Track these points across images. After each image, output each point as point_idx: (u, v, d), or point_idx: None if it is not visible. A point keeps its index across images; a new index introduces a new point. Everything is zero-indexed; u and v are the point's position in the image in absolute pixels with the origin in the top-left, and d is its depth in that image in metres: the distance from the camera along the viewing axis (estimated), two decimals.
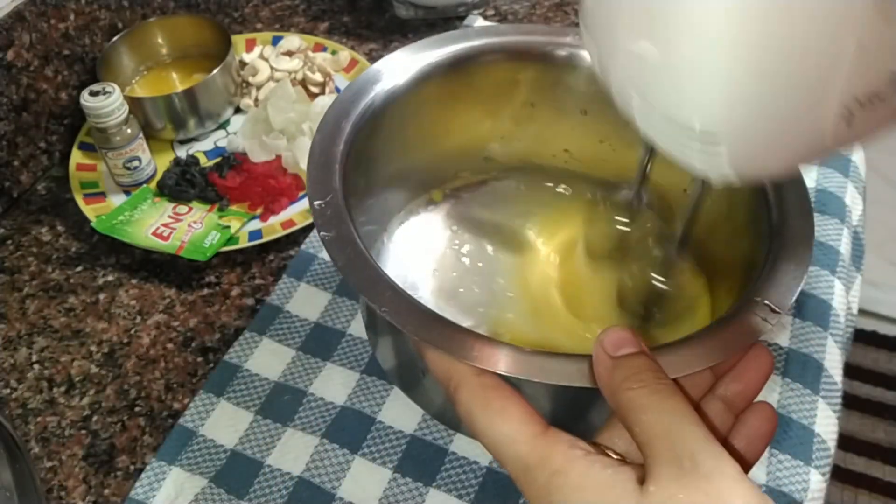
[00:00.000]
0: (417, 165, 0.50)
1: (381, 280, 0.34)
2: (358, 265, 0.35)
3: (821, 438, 0.46)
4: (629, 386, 0.29)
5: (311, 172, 0.38)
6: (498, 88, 0.48)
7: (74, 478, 0.47)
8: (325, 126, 0.41)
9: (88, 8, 0.65)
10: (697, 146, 0.28)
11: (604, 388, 0.30)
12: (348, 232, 0.36)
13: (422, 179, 0.51)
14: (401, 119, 0.45)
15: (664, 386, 0.29)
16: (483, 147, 0.51)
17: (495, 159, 0.52)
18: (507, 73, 0.47)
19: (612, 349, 0.30)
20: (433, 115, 0.47)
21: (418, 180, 0.51)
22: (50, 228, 0.61)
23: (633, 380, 0.29)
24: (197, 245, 0.56)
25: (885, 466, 1.23)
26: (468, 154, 0.51)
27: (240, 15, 0.80)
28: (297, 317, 0.53)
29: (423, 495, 0.44)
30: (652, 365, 0.30)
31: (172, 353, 0.52)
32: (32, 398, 0.51)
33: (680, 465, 0.26)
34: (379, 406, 0.48)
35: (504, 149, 0.51)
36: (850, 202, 0.59)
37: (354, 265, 0.35)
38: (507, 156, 0.52)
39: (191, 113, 0.64)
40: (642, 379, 0.29)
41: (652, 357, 0.30)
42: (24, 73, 0.61)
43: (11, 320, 0.55)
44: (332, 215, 0.36)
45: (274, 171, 0.61)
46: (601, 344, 0.31)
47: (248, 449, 0.47)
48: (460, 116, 0.49)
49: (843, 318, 0.53)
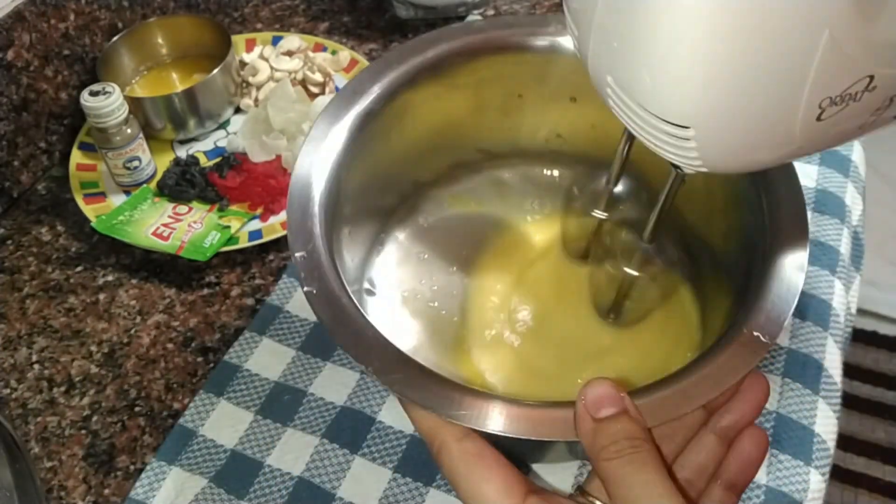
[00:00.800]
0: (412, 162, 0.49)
1: (367, 336, 0.34)
2: (343, 321, 0.34)
3: (821, 438, 0.46)
4: (606, 456, 0.30)
5: (290, 219, 0.38)
6: (481, 84, 0.47)
7: (74, 478, 0.47)
8: (302, 166, 0.40)
9: (88, 8, 0.65)
10: (668, 136, 0.28)
11: (588, 453, 0.31)
12: (331, 286, 0.35)
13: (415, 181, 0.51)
14: (387, 129, 0.45)
15: (640, 455, 0.29)
16: (476, 139, 0.51)
17: (489, 150, 0.52)
18: (489, 69, 0.47)
19: (594, 410, 0.31)
20: (420, 119, 0.47)
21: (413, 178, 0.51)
22: (50, 228, 0.61)
23: (610, 449, 0.30)
24: (197, 245, 0.56)
25: (885, 466, 1.23)
26: (461, 148, 0.51)
27: (240, 15, 0.80)
28: (297, 317, 0.53)
29: (423, 495, 0.44)
30: (630, 430, 0.30)
31: (172, 353, 0.53)
32: (32, 398, 0.51)
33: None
34: (379, 406, 0.48)
35: (496, 139, 0.51)
36: (850, 202, 0.59)
37: (339, 321, 0.34)
38: (500, 146, 0.52)
39: (191, 113, 0.64)
40: (619, 449, 0.29)
41: (633, 415, 0.31)
42: (24, 73, 0.61)
43: (11, 320, 0.55)
44: (314, 267, 0.36)
45: (274, 171, 0.61)
46: (584, 403, 0.31)
47: (248, 449, 0.47)
48: (448, 116, 0.48)
49: (843, 318, 0.53)
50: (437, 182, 0.52)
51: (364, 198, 0.45)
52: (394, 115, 0.44)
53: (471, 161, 0.52)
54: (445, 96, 0.47)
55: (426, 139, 0.49)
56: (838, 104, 0.26)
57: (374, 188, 0.47)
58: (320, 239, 0.37)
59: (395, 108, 0.44)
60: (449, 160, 0.52)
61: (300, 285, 0.36)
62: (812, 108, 0.26)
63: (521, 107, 0.49)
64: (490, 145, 0.52)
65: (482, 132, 0.51)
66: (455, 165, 0.52)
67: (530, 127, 0.51)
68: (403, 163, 0.49)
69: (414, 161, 0.49)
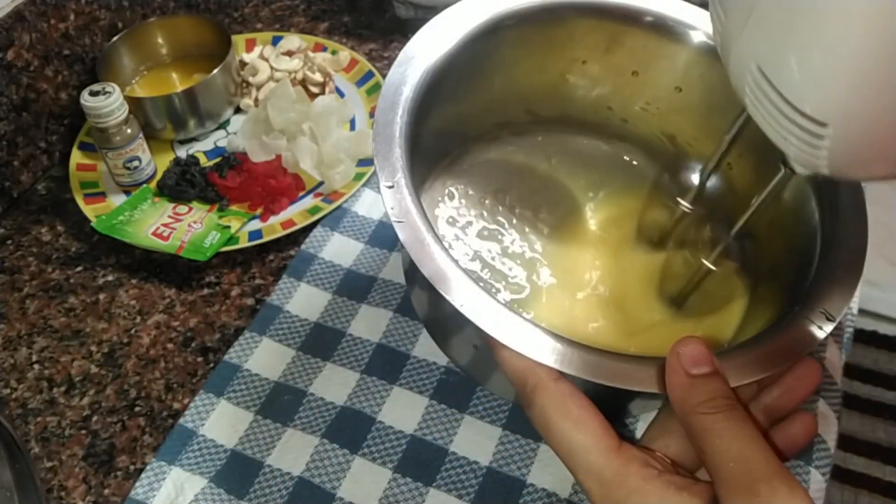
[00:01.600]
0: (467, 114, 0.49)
1: (455, 273, 0.34)
2: (431, 256, 0.34)
3: (821, 438, 0.46)
4: (704, 410, 0.30)
5: (376, 148, 0.38)
6: (552, 43, 0.47)
7: (74, 478, 0.47)
8: (387, 94, 0.40)
9: (88, 8, 0.65)
10: (801, 133, 0.28)
11: (677, 406, 0.31)
12: (420, 219, 0.35)
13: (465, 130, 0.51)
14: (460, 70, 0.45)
15: (738, 412, 0.30)
16: (528, 100, 0.51)
17: (536, 112, 0.52)
18: (564, 29, 0.47)
19: (689, 365, 0.31)
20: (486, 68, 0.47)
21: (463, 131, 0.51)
22: (50, 228, 0.61)
23: (708, 405, 0.30)
24: (197, 245, 0.56)
25: (885, 466, 1.23)
26: (512, 105, 0.51)
27: (240, 15, 0.80)
28: (297, 317, 0.53)
29: (423, 495, 0.44)
30: (727, 391, 0.30)
31: (172, 353, 0.52)
32: (32, 398, 0.51)
33: (755, 493, 0.27)
34: (379, 406, 0.48)
35: (548, 102, 0.51)
36: None
37: (427, 255, 0.34)
38: (549, 109, 0.52)
39: (191, 113, 0.64)
40: (717, 405, 0.30)
41: (726, 381, 0.31)
42: (24, 73, 0.61)
43: (11, 320, 0.55)
44: (401, 199, 0.36)
45: (274, 171, 0.61)
46: (678, 358, 0.31)
47: (248, 449, 0.47)
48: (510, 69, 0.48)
49: (843, 318, 0.53)
50: (481, 138, 0.52)
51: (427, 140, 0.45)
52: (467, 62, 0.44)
53: (517, 122, 0.52)
54: (514, 51, 0.47)
55: (483, 91, 0.48)
56: None
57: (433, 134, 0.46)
58: (406, 172, 0.37)
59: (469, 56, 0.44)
60: (496, 118, 0.52)
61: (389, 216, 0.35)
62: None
63: (583, 73, 0.49)
64: (540, 108, 0.52)
65: (536, 93, 0.50)
66: (501, 124, 0.52)
67: (584, 94, 0.50)
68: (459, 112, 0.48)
69: (467, 113, 0.49)
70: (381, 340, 0.51)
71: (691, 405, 0.30)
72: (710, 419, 0.29)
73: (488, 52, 0.46)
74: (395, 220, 0.35)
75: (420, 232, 0.35)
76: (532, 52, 0.48)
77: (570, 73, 0.49)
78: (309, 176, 0.62)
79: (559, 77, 0.50)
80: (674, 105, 0.49)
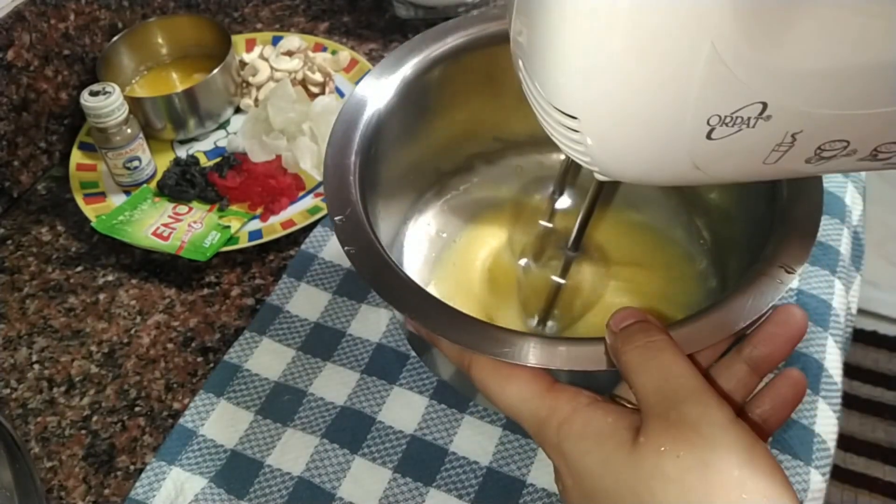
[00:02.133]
0: (428, 156, 0.50)
1: (406, 286, 0.36)
2: (384, 275, 0.36)
3: (821, 438, 0.46)
4: (624, 350, 0.30)
5: (327, 187, 0.40)
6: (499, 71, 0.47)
7: (74, 478, 0.47)
8: (335, 137, 0.42)
9: (88, 8, 0.65)
10: (561, 126, 0.28)
11: (612, 357, 0.32)
12: (370, 244, 0.37)
13: (434, 168, 0.52)
14: (410, 115, 0.46)
15: (654, 342, 0.30)
16: (493, 128, 0.51)
17: (505, 139, 0.52)
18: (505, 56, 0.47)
19: (615, 326, 0.32)
20: (439, 105, 0.48)
21: (431, 170, 0.52)
22: (50, 228, 0.61)
23: (627, 343, 0.30)
24: (197, 245, 0.56)
25: (885, 466, 1.23)
26: (480, 137, 0.52)
27: (240, 15, 0.80)
28: (297, 317, 0.53)
29: (423, 495, 0.44)
30: (645, 326, 0.31)
31: (172, 353, 0.52)
32: (32, 398, 0.51)
33: (666, 417, 0.27)
34: (379, 406, 0.48)
35: (513, 127, 0.51)
36: (850, 202, 0.59)
37: (381, 276, 0.36)
38: (517, 134, 0.52)
39: (191, 113, 0.64)
40: (634, 340, 0.30)
41: (649, 320, 0.31)
42: (24, 73, 0.61)
43: (11, 320, 0.55)
44: (353, 230, 0.38)
45: (274, 171, 0.61)
46: (608, 325, 0.32)
47: (248, 449, 0.47)
48: (466, 103, 0.49)
49: (843, 318, 0.53)
50: (457, 172, 0.53)
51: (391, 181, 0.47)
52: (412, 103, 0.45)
53: (489, 151, 0.53)
54: (464, 84, 0.47)
55: (445, 128, 0.49)
56: (729, 125, 0.25)
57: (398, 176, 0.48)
58: (358, 205, 0.39)
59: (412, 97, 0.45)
60: (468, 150, 0.52)
61: (341, 245, 0.37)
62: (700, 121, 0.25)
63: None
64: (507, 133, 0.52)
65: (499, 120, 0.51)
66: (473, 156, 0.53)
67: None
68: (426, 150, 0.49)
69: (435, 151, 0.50)
70: (381, 340, 0.51)
71: (616, 348, 0.31)
72: (629, 357, 0.30)
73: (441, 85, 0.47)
74: (347, 249, 0.37)
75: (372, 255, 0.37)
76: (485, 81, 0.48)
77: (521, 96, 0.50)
78: (309, 176, 0.62)
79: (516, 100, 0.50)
80: None
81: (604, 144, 0.28)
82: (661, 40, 0.24)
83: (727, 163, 0.28)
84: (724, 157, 0.27)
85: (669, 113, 0.26)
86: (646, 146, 0.28)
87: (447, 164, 0.52)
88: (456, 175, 0.53)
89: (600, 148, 0.28)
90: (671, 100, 0.25)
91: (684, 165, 0.28)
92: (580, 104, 0.27)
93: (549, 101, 0.28)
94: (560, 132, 0.29)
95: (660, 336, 0.30)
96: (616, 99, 0.26)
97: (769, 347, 0.33)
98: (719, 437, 0.26)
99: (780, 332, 0.33)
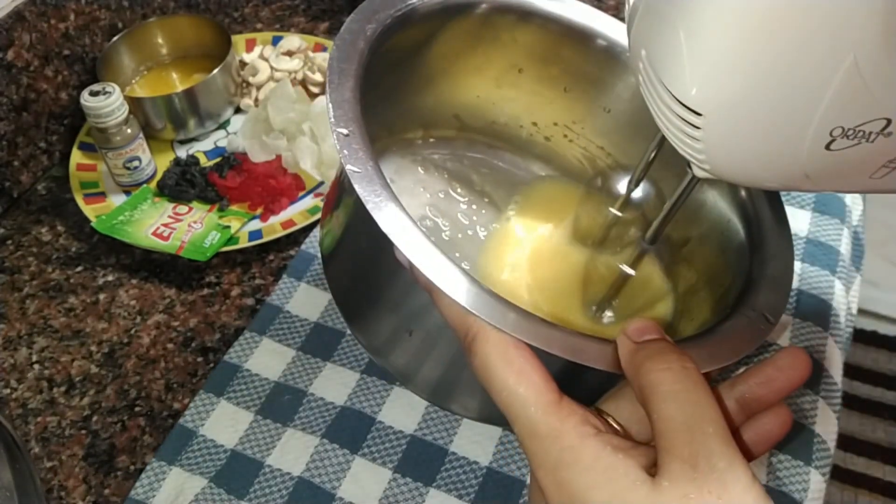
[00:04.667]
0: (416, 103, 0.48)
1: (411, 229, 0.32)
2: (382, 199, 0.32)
3: (821, 438, 0.46)
4: (653, 367, 0.28)
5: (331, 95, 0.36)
6: (493, 43, 0.46)
7: (74, 478, 0.47)
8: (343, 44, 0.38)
9: (88, 8, 0.65)
10: (681, 123, 0.28)
11: (626, 368, 0.30)
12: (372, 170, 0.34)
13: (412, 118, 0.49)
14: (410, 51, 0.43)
15: (689, 373, 0.28)
16: (457, 104, 0.50)
17: (463, 119, 0.51)
18: (507, 31, 0.46)
19: (636, 336, 0.30)
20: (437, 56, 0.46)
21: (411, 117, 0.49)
22: (50, 228, 0.61)
23: (657, 360, 0.28)
24: (197, 245, 0.56)
25: (885, 466, 1.23)
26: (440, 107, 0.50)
27: (240, 15, 0.80)
28: (297, 317, 0.53)
29: (423, 495, 0.44)
30: (672, 348, 0.29)
31: (172, 353, 0.52)
32: (32, 398, 0.51)
33: (695, 465, 0.26)
34: (379, 406, 0.48)
35: (477, 109, 0.50)
36: (850, 202, 0.59)
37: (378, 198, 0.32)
38: (475, 118, 0.50)
39: (191, 113, 0.64)
40: (667, 360, 0.28)
41: (670, 341, 0.30)
42: (24, 73, 0.61)
43: (11, 320, 0.55)
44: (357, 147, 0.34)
45: (274, 171, 0.61)
46: (625, 332, 0.30)
47: (248, 449, 0.47)
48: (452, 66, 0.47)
49: (843, 318, 0.53)
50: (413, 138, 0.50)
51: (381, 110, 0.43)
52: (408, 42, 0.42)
53: (443, 124, 0.50)
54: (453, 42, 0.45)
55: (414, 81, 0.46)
56: (850, 138, 0.26)
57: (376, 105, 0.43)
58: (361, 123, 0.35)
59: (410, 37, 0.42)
60: (423, 119, 0.50)
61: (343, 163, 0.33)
62: (823, 131, 0.26)
63: (517, 83, 0.48)
64: (468, 114, 0.50)
65: (467, 97, 0.49)
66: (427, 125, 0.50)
67: (514, 105, 0.50)
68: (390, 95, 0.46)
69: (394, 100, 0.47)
70: None
71: (639, 361, 0.29)
72: (658, 378, 0.28)
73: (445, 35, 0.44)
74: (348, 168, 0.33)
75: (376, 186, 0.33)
76: (475, 49, 0.46)
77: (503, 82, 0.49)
78: (309, 176, 0.62)
79: (494, 83, 0.49)
80: (598, 127, 0.48)
81: (722, 143, 0.28)
82: (806, 47, 0.24)
83: (836, 174, 0.28)
84: (836, 167, 0.27)
85: (795, 119, 0.26)
86: (763, 149, 0.28)
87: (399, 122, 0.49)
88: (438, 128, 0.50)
89: (717, 146, 0.28)
90: (800, 106, 0.25)
91: (796, 172, 0.28)
92: (708, 102, 0.27)
93: (674, 96, 0.28)
94: (676, 126, 0.28)
95: (692, 365, 0.29)
96: (745, 99, 0.26)
97: (765, 391, 0.32)
98: (745, 497, 0.26)
99: (780, 378, 0.32)
